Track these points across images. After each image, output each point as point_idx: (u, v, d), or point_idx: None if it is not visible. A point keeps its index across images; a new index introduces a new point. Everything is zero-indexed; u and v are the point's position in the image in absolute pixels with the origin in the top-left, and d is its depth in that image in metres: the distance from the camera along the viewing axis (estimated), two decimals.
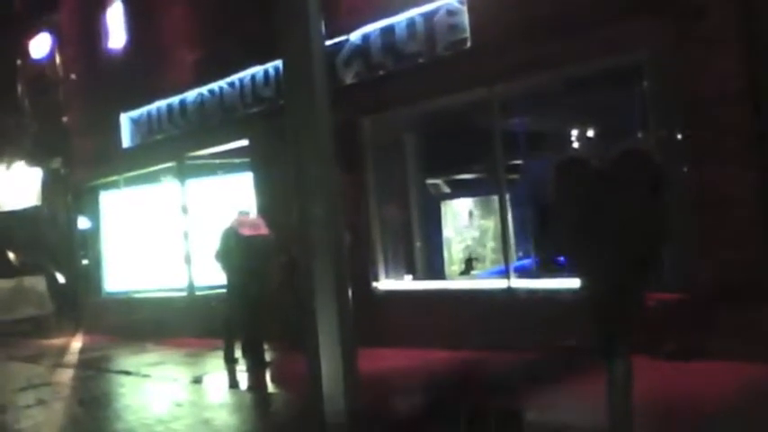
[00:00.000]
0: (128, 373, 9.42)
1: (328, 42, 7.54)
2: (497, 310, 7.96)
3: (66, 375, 9.93)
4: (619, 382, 4.35)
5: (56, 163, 16.44)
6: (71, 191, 15.47)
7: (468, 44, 8.20)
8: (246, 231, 8.85)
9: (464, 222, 10.98)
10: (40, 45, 16.09)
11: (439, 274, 10.10)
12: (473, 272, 10.70)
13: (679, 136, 6.83)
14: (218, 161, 12.06)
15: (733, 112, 6.37)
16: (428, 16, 8.51)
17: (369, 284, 9.42)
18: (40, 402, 8.03)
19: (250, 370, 8.57)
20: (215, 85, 11.32)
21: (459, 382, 6.61)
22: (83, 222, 15.20)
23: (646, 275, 4.44)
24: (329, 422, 6.01)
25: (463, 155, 9.63)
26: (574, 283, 4.64)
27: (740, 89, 6.37)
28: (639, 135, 7.45)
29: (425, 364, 7.78)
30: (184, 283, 12.19)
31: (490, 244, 11.72)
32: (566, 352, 6.78)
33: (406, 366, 7.78)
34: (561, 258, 4.58)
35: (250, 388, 8.19)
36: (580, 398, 5.38)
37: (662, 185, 4.46)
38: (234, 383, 8.43)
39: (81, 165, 14.75)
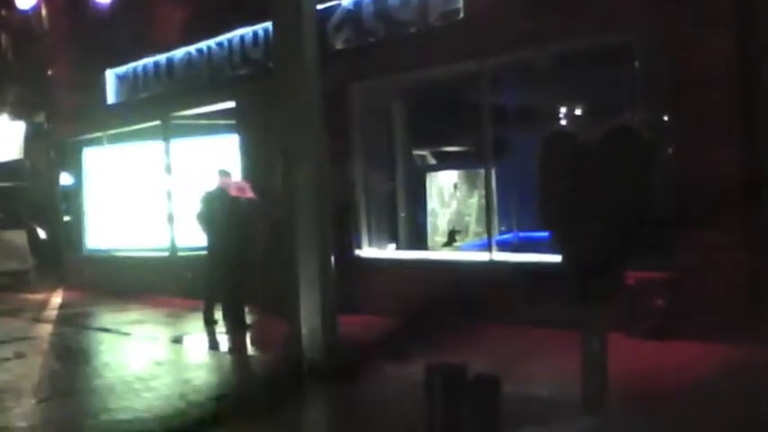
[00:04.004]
0: (107, 330, 9.44)
1: (319, 6, 7.47)
2: (479, 282, 8.02)
3: (45, 330, 9.91)
4: (594, 357, 4.42)
5: (39, 117, 16.20)
6: (54, 146, 15.29)
7: (461, 15, 8.13)
8: (233, 193, 8.84)
9: (449, 194, 11.01)
10: None
11: (422, 244, 10.14)
12: (456, 243, 10.75)
13: (666, 117, 6.86)
14: (203, 122, 11.95)
15: (721, 93, 6.39)
16: None
17: (352, 252, 9.44)
18: (19, 356, 8.03)
19: (230, 332, 8.61)
20: (203, 45, 11.18)
21: (437, 350, 6.67)
22: (65, 178, 15.05)
23: (628, 252, 4.48)
24: (307, 385, 6.09)
25: (451, 127, 9.61)
26: (555, 258, 4.68)
27: (730, 71, 6.39)
28: (627, 114, 7.46)
29: (404, 330, 7.84)
30: (166, 243, 12.16)
31: (474, 216, 11.77)
32: (542, 325, 6.87)
33: (383, 332, 7.83)
34: (542, 234, 4.62)
35: (230, 349, 8.23)
36: (556, 371, 5.46)
37: (649, 162, 4.48)
38: (214, 344, 8.46)
39: (65, 120, 14.57)
